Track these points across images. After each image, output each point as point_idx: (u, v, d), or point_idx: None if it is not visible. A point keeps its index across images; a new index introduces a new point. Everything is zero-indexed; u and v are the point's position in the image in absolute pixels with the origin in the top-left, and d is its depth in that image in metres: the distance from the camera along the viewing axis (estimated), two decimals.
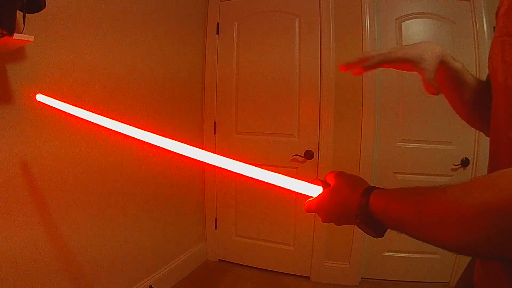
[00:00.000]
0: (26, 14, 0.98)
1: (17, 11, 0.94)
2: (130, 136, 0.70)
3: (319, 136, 2.03)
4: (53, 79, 1.23)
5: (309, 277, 2.13)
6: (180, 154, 0.62)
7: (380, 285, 2.02)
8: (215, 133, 2.29)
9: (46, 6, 1.04)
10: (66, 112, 0.87)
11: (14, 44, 1.00)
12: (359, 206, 0.45)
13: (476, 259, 0.55)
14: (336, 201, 0.50)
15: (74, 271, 1.37)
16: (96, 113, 0.78)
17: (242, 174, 0.57)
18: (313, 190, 0.54)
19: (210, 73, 2.27)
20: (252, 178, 0.57)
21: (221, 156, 0.58)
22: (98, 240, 1.47)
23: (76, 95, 1.32)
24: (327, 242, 2.07)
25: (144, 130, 0.68)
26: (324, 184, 0.54)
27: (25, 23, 0.98)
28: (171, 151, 0.63)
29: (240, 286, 2.05)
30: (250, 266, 2.26)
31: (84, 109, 0.82)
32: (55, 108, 0.91)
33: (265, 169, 0.58)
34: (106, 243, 1.52)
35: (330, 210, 0.51)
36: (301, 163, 2.08)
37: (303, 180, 0.56)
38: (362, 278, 2.07)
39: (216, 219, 2.35)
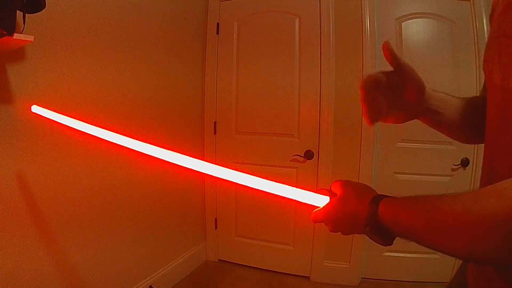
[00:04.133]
0: (26, 14, 0.98)
1: (17, 11, 0.94)
2: (129, 148, 0.68)
3: (319, 136, 2.03)
4: (53, 79, 1.23)
5: (309, 277, 2.13)
6: (183, 167, 0.61)
7: (380, 285, 2.02)
8: (215, 133, 2.29)
9: (46, 6, 1.04)
10: (63, 124, 0.85)
11: (14, 44, 1.00)
12: (368, 215, 0.44)
13: None
14: (344, 211, 0.49)
15: (75, 270, 1.37)
16: (94, 120, 0.77)
17: (248, 186, 0.57)
18: (320, 200, 0.54)
19: (210, 73, 2.27)
20: (258, 189, 0.56)
21: (226, 168, 0.57)
22: (98, 240, 1.48)
23: (75, 95, 1.32)
24: (327, 242, 2.07)
25: (143, 139, 0.66)
26: (331, 193, 0.53)
27: (25, 23, 0.98)
28: (173, 163, 0.62)
29: (240, 286, 2.05)
30: (250, 266, 2.25)
31: (82, 114, 0.81)
32: (51, 119, 0.89)
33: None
34: (106, 243, 1.52)
35: (338, 220, 0.50)
36: (301, 163, 2.08)
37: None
38: (362, 278, 2.07)
39: (216, 219, 2.35)
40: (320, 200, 0.54)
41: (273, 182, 0.55)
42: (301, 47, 2.06)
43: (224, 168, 0.58)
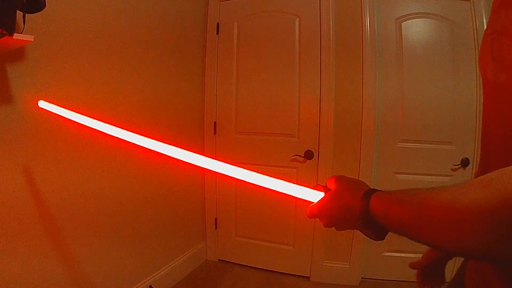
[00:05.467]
0: (26, 14, 0.98)
1: (17, 11, 0.94)
2: (132, 143, 0.69)
3: (319, 136, 2.03)
4: (53, 79, 1.23)
5: (309, 277, 2.13)
6: (183, 161, 0.62)
7: (380, 285, 2.02)
8: (215, 133, 2.29)
9: (46, 6, 1.04)
10: (68, 119, 0.86)
11: (14, 44, 1.00)
12: (360, 209, 0.45)
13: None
14: (337, 205, 0.50)
15: (75, 269, 1.37)
16: (97, 117, 0.78)
17: (244, 180, 0.57)
18: (315, 196, 0.54)
19: (210, 73, 2.27)
20: (254, 184, 0.56)
21: (223, 163, 0.58)
22: (99, 240, 1.48)
23: (75, 95, 1.32)
24: (327, 242, 2.07)
25: (145, 135, 0.68)
26: (325, 189, 0.54)
27: (25, 23, 0.98)
28: (174, 158, 0.63)
29: (240, 286, 2.05)
30: (250, 266, 2.25)
31: (84, 113, 0.82)
32: (57, 114, 0.90)
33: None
34: (106, 243, 1.52)
35: (331, 214, 0.51)
36: (301, 163, 2.08)
37: (304, 183, 0.56)
38: (362, 278, 2.07)
39: (216, 219, 2.35)
40: (315, 196, 0.54)
41: (270, 177, 0.56)
42: (301, 47, 2.06)
43: (220, 162, 0.58)
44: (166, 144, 0.64)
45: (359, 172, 1.96)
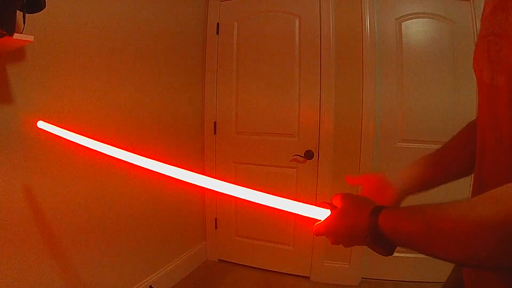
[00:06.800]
0: (26, 14, 0.98)
1: (17, 11, 0.94)
2: (132, 164, 0.71)
3: (319, 136, 2.03)
4: (53, 79, 1.23)
5: (309, 277, 2.13)
6: (183, 181, 0.62)
7: (380, 285, 2.02)
8: (215, 133, 2.29)
9: (46, 6, 1.04)
10: (67, 136, 0.87)
11: (14, 44, 1.00)
12: (369, 226, 0.45)
13: None
14: (344, 223, 0.50)
15: (77, 270, 1.37)
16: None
17: (248, 200, 0.58)
18: (321, 214, 0.54)
19: (210, 73, 2.27)
20: (259, 204, 0.57)
21: (225, 182, 0.59)
22: (99, 241, 1.48)
23: (75, 95, 1.32)
24: (327, 242, 2.05)
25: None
26: (331, 206, 0.54)
27: (25, 23, 0.98)
28: (174, 178, 0.64)
29: (240, 286, 2.05)
30: (250, 266, 2.25)
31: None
32: (56, 134, 0.90)
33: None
34: (107, 244, 1.52)
35: (338, 232, 0.51)
36: (301, 163, 2.08)
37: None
38: (362, 278, 2.07)
39: (216, 219, 2.35)
40: (321, 214, 0.54)
41: (274, 196, 0.56)
42: (301, 47, 2.06)
43: (224, 182, 0.59)
44: (164, 164, 0.65)
45: (359, 172, 1.96)
